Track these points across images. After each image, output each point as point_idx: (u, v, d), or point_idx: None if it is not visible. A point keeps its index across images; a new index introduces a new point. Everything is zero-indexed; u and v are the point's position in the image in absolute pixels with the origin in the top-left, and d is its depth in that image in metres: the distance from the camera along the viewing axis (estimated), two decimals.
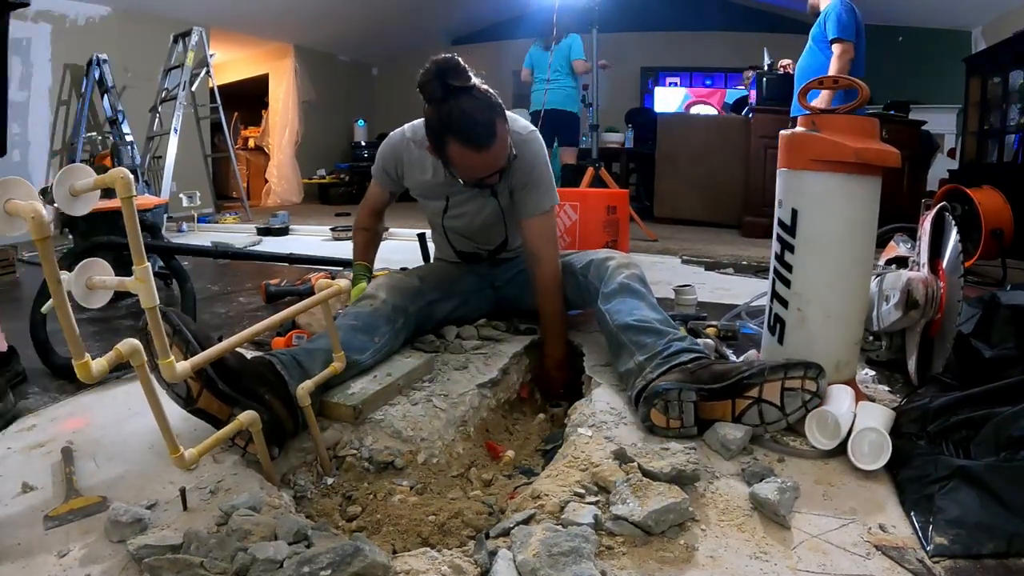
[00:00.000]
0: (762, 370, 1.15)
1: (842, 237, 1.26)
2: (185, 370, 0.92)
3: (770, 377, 1.15)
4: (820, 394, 1.15)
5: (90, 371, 0.80)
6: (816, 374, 1.15)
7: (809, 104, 1.35)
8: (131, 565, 0.84)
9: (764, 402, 1.15)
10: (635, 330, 1.35)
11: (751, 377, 1.15)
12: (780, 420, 1.16)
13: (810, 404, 1.15)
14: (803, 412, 1.15)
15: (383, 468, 1.19)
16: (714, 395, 1.17)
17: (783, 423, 1.16)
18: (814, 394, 1.15)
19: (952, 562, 0.86)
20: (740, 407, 1.16)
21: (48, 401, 1.43)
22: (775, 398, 1.15)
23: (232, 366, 1.13)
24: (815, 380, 1.15)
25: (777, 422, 1.16)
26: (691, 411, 1.16)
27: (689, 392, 1.16)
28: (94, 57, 4.76)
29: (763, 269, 2.89)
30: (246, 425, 1.01)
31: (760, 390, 1.15)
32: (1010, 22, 4.42)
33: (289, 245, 4.05)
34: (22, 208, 0.75)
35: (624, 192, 3.02)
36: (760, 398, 1.15)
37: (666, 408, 1.17)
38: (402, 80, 8.55)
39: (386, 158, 1.71)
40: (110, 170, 0.81)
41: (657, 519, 0.89)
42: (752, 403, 1.15)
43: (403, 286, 1.60)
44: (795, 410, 1.15)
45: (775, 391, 1.15)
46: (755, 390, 1.15)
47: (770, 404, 1.15)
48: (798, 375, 1.15)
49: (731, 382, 1.16)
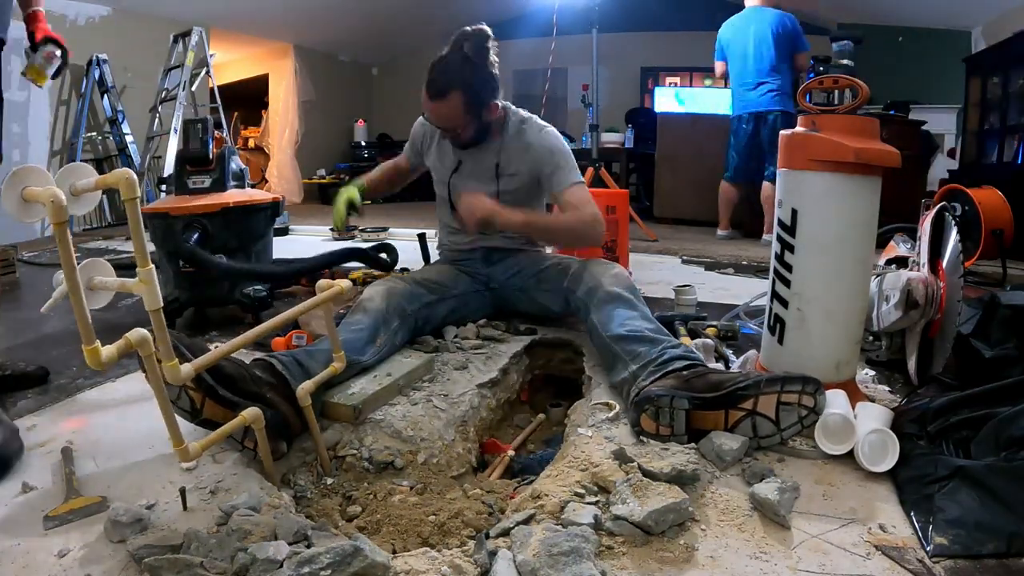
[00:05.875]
0: (758, 382, 1.12)
1: (842, 237, 1.26)
2: (189, 372, 0.92)
3: (766, 390, 1.12)
4: (818, 410, 1.12)
5: (99, 357, 0.80)
6: (814, 390, 1.11)
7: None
8: (131, 565, 0.84)
9: (759, 415, 1.12)
10: (628, 340, 1.34)
11: (746, 389, 1.12)
12: (774, 435, 1.13)
13: (806, 420, 1.12)
14: (799, 428, 1.12)
15: (383, 468, 1.19)
16: (707, 404, 1.14)
17: (777, 438, 1.13)
18: (811, 410, 1.11)
19: (952, 562, 0.86)
20: (733, 418, 1.13)
21: (48, 401, 1.42)
22: (770, 412, 1.12)
23: (230, 372, 1.13)
24: (812, 396, 1.11)
25: (771, 436, 1.13)
26: (682, 419, 1.14)
27: (681, 400, 1.14)
28: (94, 57, 4.76)
29: (763, 269, 2.89)
30: (249, 421, 1.01)
31: (755, 402, 1.12)
32: (1010, 22, 4.42)
33: (289, 246, 4.05)
34: (40, 194, 0.75)
35: (624, 192, 3.01)
36: (755, 411, 1.12)
37: (657, 414, 1.15)
38: (402, 80, 8.54)
39: (415, 132, 1.94)
40: (114, 170, 0.81)
41: (657, 519, 0.89)
42: (746, 415, 1.13)
43: (400, 289, 1.62)
44: (790, 425, 1.12)
45: (771, 405, 1.12)
46: (750, 402, 1.12)
47: (765, 417, 1.12)
48: (795, 389, 1.11)
49: (725, 392, 1.13)
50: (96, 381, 1.53)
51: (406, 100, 8.92)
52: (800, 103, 1.36)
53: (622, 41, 7.01)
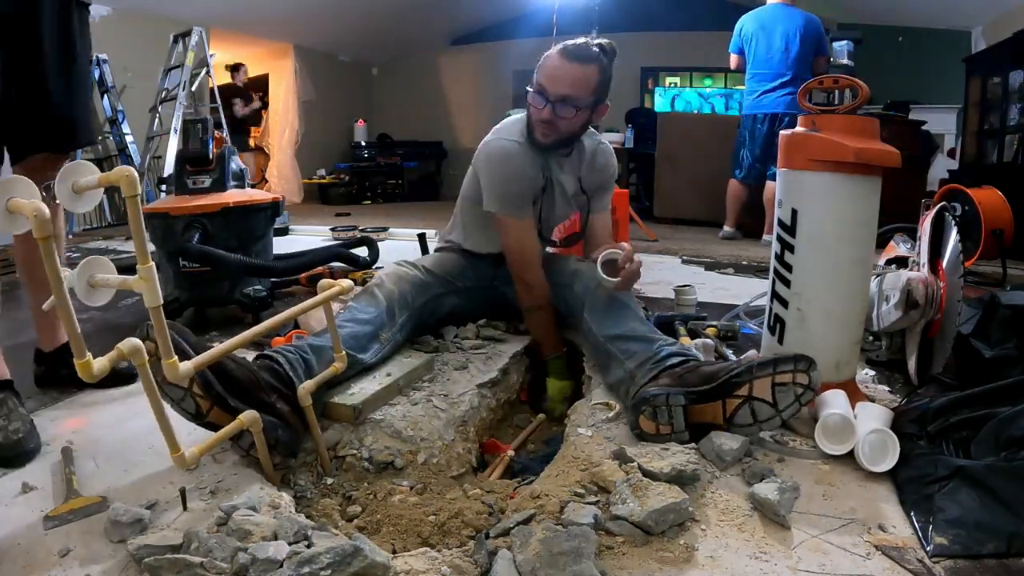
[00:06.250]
0: (750, 367, 1.12)
1: (842, 237, 1.26)
2: (188, 370, 0.92)
3: (759, 373, 1.11)
4: (813, 387, 1.11)
5: (91, 370, 0.80)
6: (807, 366, 1.10)
7: None
8: (131, 565, 0.84)
9: (755, 399, 1.12)
10: (623, 339, 1.34)
11: (739, 375, 1.12)
12: (774, 417, 1.12)
13: (803, 398, 1.11)
14: (796, 407, 1.12)
15: (383, 468, 1.19)
16: (703, 397, 1.14)
17: (777, 420, 1.13)
18: (807, 387, 1.11)
19: (952, 562, 0.86)
20: (731, 407, 1.13)
21: (48, 401, 1.42)
22: (766, 395, 1.11)
23: (239, 377, 1.12)
24: (806, 373, 1.10)
25: (771, 419, 1.13)
26: (680, 415, 1.14)
27: (677, 396, 1.14)
28: (94, 57, 4.76)
29: (763, 269, 2.89)
30: (247, 425, 1.01)
31: (750, 388, 1.12)
32: (1010, 22, 4.42)
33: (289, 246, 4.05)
34: (24, 207, 0.75)
35: (624, 192, 3.01)
36: (751, 396, 1.12)
37: (655, 414, 1.15)
38: (402, 80, 8.55)
39: (525, 175, 1.58)
40: (115, 168, 0.81)
41: (657, 519, 0.89)
42: (743, 401, 1.12)
43: (410, 278, 1.61)
44: (788, 405, 1.11)
45: (766, 387, 1.11)
46: (745, 388, 1.12)
47: (762, 401, 1.12)
48: (788, 369, 1.11)
49: (720, 382, 1.13)
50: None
51: (406, 100, 8.97)
52: (800, 103, 1.36)
53: (622, 41, 6.92)
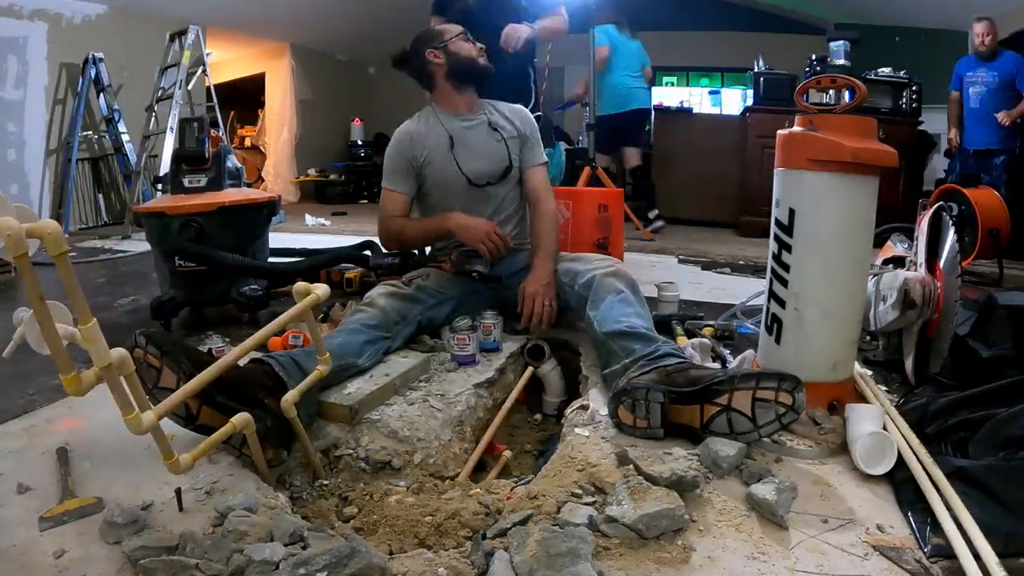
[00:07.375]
0: (732, 378, 1.11)
1: (839, 237, 1.26)
2: (152, 422, 0.87)
3: (740, 385, 1.10)
4: (796, 408, 1.08)
5: (79, 386, 0.79)
6: (792, 387, 1.07)
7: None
8: (126, 566, 0.83)
9: (733, 411, 1.10)
10: (624, 336, 1.35)
11: (720, 384, 1.11)
12: (751, 432, 1.10)
13: (784, 419, 1.08)
14: (777, 426, 1.09)
15: (379, 468, 1.19)
16: (682, 398, 1.14)
17: (755, 435, 1.11)
18: (789, 408, 1.08)
19: (950, 562, 0.86)
20: (708, 413, 1.12)
21: (44, 401, 1.42)
22: (745, 408, 1.10)
23: (228, 376, 1.11)
24: (790, 393, 1.07)
25: (748, 433, 1.10)
26: (657, 412, 1.14)
27: (656, 392, 1.14)
28: (90, 56, 4.74)
29: (760, 269, 2.89)
30: (240, 428, 1.00)
31: (729, 398, 1.10)
32: (1008, 22, 4.42)
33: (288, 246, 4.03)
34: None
35: (618, 191, 3.01)
36: (729, 406, 1.11)
37: (633, 406, 1.16)
38: (399, 79, 8.47)
39: (403, 148, 1.83)
40: (40, 222, 0.74)
41: (649, 523, 0.88)
42: (721, 411, 1.11)
43: (402, 293, 1.63)
44: (768, 423, 1.09)
45: (745, 401, 1.10)
46: (724, 397, 1.11)
47: (740, 414, 1.10)
48: (771, 386, 1.08)
49: (701, 387, 1.13)
50: None
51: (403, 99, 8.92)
52: (797, 103, 1.36)
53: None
